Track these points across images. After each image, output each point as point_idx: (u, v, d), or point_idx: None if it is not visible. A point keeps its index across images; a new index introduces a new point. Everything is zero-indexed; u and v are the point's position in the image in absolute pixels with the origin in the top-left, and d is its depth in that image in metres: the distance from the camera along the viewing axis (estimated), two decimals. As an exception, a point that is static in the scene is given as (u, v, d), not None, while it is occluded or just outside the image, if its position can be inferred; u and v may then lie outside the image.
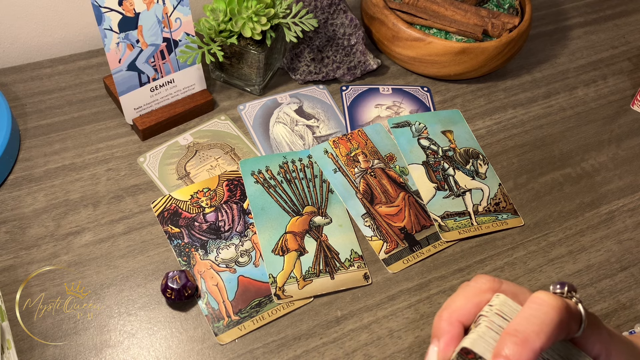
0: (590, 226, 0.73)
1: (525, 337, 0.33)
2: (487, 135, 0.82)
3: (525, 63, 0.92)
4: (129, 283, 0.63)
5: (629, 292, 0.68)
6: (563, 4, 1.03)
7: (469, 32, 0.83)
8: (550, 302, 0.35)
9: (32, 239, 0.65)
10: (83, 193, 0.69)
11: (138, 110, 0.74)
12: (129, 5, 0.67)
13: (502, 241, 0.71)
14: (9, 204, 0.67)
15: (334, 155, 0.75)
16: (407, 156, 0.76)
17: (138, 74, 0.72)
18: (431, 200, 0.72)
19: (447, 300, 0.39)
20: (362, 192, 0.72)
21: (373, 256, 0.68)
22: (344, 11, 0.82)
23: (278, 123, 0.79)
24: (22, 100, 0.77)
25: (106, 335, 0.59)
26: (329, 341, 0.61)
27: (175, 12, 0.71)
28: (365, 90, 0.84)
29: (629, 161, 0.81)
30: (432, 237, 0.70)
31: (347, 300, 0.64)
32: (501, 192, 0.75)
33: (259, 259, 0.66)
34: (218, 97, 0.81)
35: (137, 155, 0.73)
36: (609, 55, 0.95)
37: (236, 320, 0.61)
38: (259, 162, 0.73)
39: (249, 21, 0.73)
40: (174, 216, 0.68)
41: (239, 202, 0.70)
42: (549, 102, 0.87)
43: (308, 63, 0.82)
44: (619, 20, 1.02)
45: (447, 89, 0.86)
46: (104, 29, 0.67)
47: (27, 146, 0.73)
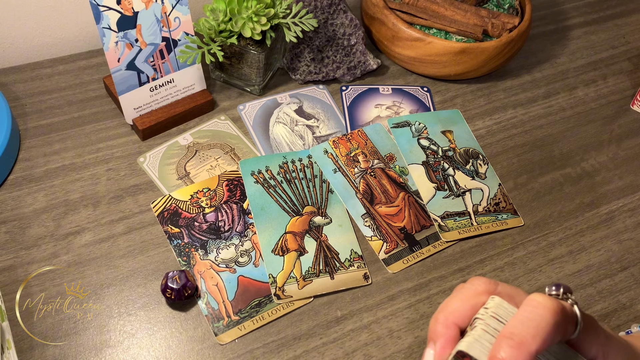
0: (590, 226, 0.73)
1: (521, 340, 0.33)
2: (487, 135, 0.82)
3: (525, 63, 0.92)
4: (129, 283, 0.63)
5: (629, 292, 0.68)
6: (563, 4, 1.03)
7: (469, 32, 0.83)
8: (545, 305, 0.35)
9: (32, 239, 0.65)
10: (83, 193, 0.69)
11: (138, 110, 0.74)
12: (128, 3, 0.67)
13: (502, 241, 0.71)
14: (9, 204, 0.67)
15: (334, 155, 0.75)
16: (407, 156, 0.76)
17: (137, 74, 0.72)
18: (431, 200, 0.72)
19: (443, 303, 0.39)
20: (362, 192, 0.72)
21: (373, 256, 0.68)
22: (344, 11, 0.82)
23: (278, 123, 0.79)
24: (22, 100, 0.77)
25: (106, 335, 0.59)
26: (329, 341, 0.61)
27: (174, 11, 0.71)
28: (365, 90, 0.84)
29: (629, 161, 0.81)
30: (432, 237, 0.70)
31: (347, 300, 0.64)
32: (501, 192, 0.75)
33: (258, 259, 0.66)
34: (218, 97, 0.81)
35: (137, 155, 0.73)
36: (609, 55, 0.95)
37: (236, 320, 0.61)
38: (259, 162, 0.73)
39: (249, 21, 0.73)
40: (174, 216, 0.68)
41: (239, 202, 0.70)
42: (549, 102, 0.87)
43: (308, 63, 0.82)
44: (619, 20, 1.02)
45: (447, 89, 0.86)
46: (103, 28, 0.67)
47: (27, 146, 0.73)
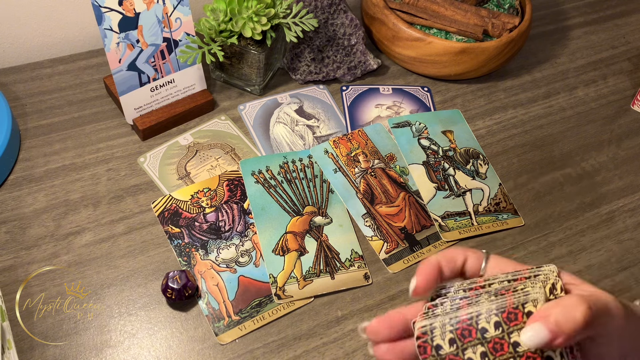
0: (590, 226, 0.73)
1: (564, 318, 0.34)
2: (487, 135, 0.82)
3: (525, 63, 0.92)
4: (129, 283, 0.63)
5: (629, 292, 0.68)
6: (563, 4, 1.03)
7: (469, 32, 0.83)
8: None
9: (32, 239, 0.65)
10: (83, 193, 0.69)
11: (138, 110, 0.74)
12: (129, 5, 0.67)
13: (502, 241, 0.71)
14: (9, 204, 0.67)
15: (334, 155, 0.75)
16: (408, 156, 0.76)
17: (138, 74, 0.72)
18: (431, 200, 0.73)
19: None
20: (363, 192, 0.72)
21: (373, 256, 0.68)
22: (344, 11, 0.82)
23: (278, 123, 0.79)
24: (22, 100, 0.77)
25: (106, 335, 0.59)
26: (329, 341, 0.61)
27: (176, 12, 0.71)
28: (366, 90, 0.84)
29: (629, 161, 0.81)
30: (433, 237, 0.70)
31: (348, 300, 0.64)
32: (501, 192, 0.75)
33: (259, 259, 0.66)
34: (218, 97, 0.81)
35: (137, 155, 0.73)
36: (609, 55, 0.95)
37: (236, 320, 0.61)
38: (259, 162, 0.73)
39: (249, 21, 0.73)
40: (174, 216, 0.68)
41: (239, 202, 0.70)
42: (549, 102, 0.87)
43: (308, 63, 0.82)
44: (619, 20, 1.02)
45: (447, 89, 0.86)
46: (104, 29, 0.67)
47: (27, 146, 0.73)
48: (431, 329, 0.38)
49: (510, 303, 0.37)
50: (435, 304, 0.40)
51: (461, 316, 0.38)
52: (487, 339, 0.36)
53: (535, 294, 0.36)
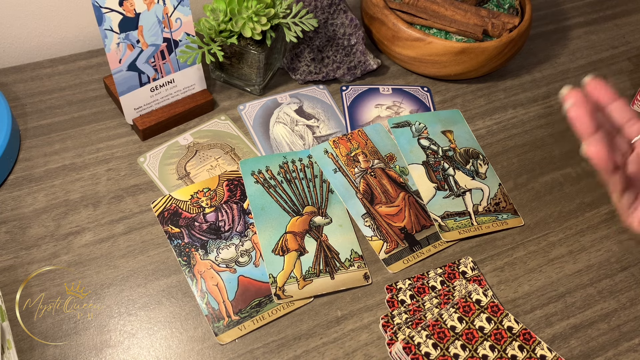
0: (590, 226, 0.73)
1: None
2: (487, 135, 0.82)
3: (525, 63, 0.92)
4: (129, 283, 0.63)
5: (629, 292, 0.68)
6: (563, 4, 1.03)
7: (469, 32, 0.83)
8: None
9: (32, 239, 0.65)
10: (83, 193, 0.69)
11: (138, 110, 0.74)
12: (130, 5, 0.67)
13: (502, 241, 0.71)
14: (9, 204, 0.67)
15: (334, 155, 0.75)
16: (407, 156, 0.76)
17: (138, 74, 0.72)
18: (431, 200, 0.73)
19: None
20: (362, 192, 0.72)
21: (373, 256, 0.68)
22: (344, 11, 0.82)
23: (278, 123, 0.79)
24: (22, 100, 0.77)
25: (106, 335, 0.59)
26: (329, 341, 0.61)
27: (176, 12, 0.71)
28: (365, 90, 0.84)
29: (629, 161, 0.81)
30: (432, 237, 0.70)
31: (347, 300, 0.64)
32: (501, 192, 0.75)
33: (259, 259, 0.66)
34: (218, 97, 0.81)
35: (137, 155, 0.73)
36: (609, 55, 0.95)
37: (236, 320, 0.61)
38: (259, 162, 0.73)
39: (249, 21, 0.73)
40: (174, 216, 0.68)
41: (239, 202, 0.70)
42: (549, 102, 0.87)
43: (308, 63, 0.83)
44: (619, 20, 1.02)
45: (447, 89, 0.86)
46: (105, 30, 0.67)
47: (27, 146, 0.73)
48: (410, 337, 0.39)
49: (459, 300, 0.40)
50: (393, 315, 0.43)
51: (427, 320, 0.40)
52: (459, 332, 0.38)
53: (470, 287, 0.38)
